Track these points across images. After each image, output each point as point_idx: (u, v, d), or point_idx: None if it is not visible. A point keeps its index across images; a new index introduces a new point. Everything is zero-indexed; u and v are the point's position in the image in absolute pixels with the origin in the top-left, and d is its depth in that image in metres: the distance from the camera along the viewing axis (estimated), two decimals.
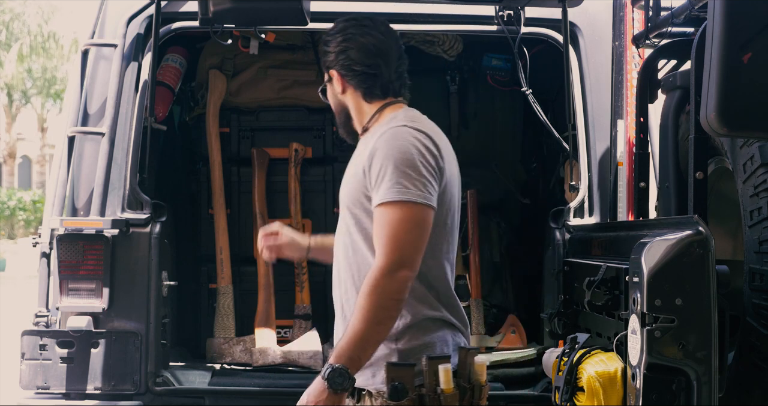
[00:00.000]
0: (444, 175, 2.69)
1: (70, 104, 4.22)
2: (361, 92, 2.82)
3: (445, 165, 2.69)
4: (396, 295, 2.56)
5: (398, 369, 2.58)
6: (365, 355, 2.58)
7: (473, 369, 2.65)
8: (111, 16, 4.23)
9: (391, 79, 2.82)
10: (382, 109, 2.82)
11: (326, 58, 2.86)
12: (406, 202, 2.58)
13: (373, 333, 2.57)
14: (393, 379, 2.56)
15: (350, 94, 2.85)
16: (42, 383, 3.85)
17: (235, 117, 5.10)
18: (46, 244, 3.92)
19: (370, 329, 2.55)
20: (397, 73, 2.84)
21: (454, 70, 5.30)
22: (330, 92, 2.91)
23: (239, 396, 4.07)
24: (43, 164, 31.30)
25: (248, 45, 4.75)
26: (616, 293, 2.96)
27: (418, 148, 2.63)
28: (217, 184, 4.92)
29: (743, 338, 3.15)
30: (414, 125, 2.69)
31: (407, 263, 2.57)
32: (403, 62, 2.87)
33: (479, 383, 2.64)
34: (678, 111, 3.59)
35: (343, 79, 2.83)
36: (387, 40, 2.82)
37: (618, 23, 4.19)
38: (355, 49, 2.79)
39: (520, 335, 4.67)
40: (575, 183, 4.16)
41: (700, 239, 2.55)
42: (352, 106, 2.86)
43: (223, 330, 4.72)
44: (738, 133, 2.84)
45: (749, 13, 2.61)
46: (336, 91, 2.87)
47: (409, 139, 2.64)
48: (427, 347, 2.66)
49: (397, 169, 2.60)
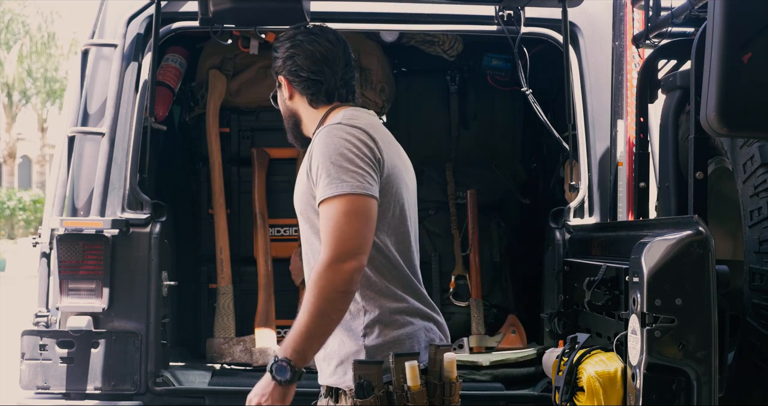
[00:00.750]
0: (384, 166, 2.70)
1: (70, 104, 4.22)
2: (307, 98, 2.89)
3: (384, 156, 2.70)
4: (341, 287, 2.53)
5: (364, 366, 2.58)
6: (311, 348, 2.58)
7: (443, 366, 2.63)
8: (111, 16, 4.23)
9: (337, 86, 2.87)
10: (327, 114, 2.87)
11: (275, 64, 2.93)
12: (345, 194, 2.58)
13: (318, 326, 2.55)
14: (359, 377, 2.56)
15: (297, 100, 2.91)
16: (42, 383, 3.85)
17: (235, 117, 5.10)
18: (46, 244, 3.92)
19: (314, 321, 2.54)
20: (344, 80, 2.89)
21: (454, 70, 5.30)
22: (279, 98, 2.98)
23: (239, 396, 4.02)
24: (43, 164, 31.30)
25: (248, 45, 4.76)
26: (616, 293, 2.96)
27: (350, 141, 2.65)
28: (217, 184, 4.91)
29: (743, 338, 3.15)
30: (348, 122, 2.72)
31: (353, 254, 2.54)
32: (351, 70, 2.91)
33: (450, 379, 2.63)
34: (678, 111, 3.59)
35: (290, 85, 2.90)
36: (334, 49, 2.87)
37: (618, 23, 4.19)
38: (302, 56, 2.86)
39: (520, 335, 4.67)
40: (575, 183, 4.17)
41: (700, 239, 2.55)
42: (301, 111, 2.92)
43: (223, 330, 4.72)
44: (738, 133, 2.84)
45: (749, 13, 2.61)
46: (284, 97, 2.94)
47: (341, 135, 2.67)
48: (395, 344, 2.66)
49: (332, 165, 2.61)
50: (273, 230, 4.89)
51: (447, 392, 2.62)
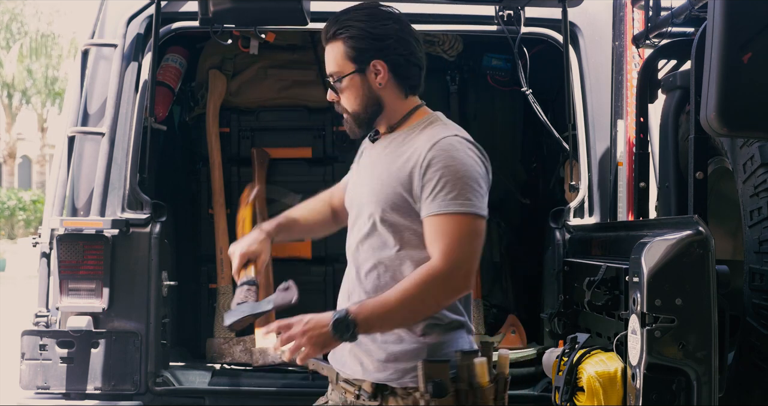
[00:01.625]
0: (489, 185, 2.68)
1: (70, 104, 4.22)
2: (403, 87, 2.69)
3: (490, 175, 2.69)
4: (442, 300, 2.52)
5: (435, 366, 2.53)
6: (378, 327, 2.51)
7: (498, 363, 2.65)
8: (111, 16, 4.24)
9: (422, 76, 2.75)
10: (415, 110, 2.73)
11: (370, 46, 2.63)
12: (470, 214, 2.55)
13: (400, 317, 2.51)
14: (431, 376, 2.51)
15: (389, 87, 2.67)
16: (42, 383, 3.85)
17: (235, 117, 5.10)
18: (46, 244, 3.92)
19: (400, 311, 2.49)
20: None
21: (454, 70, 5.30)
22: (359, 84, 2.67)
23: (239, 396, 4.07)
24: (43, 164, 31.29)
25: (248, 45, 4.75)
26: (616, 293, 2.96)
27: (476, 160, 2.61)
28: (217, 184, 4.92)
29: (743, 338, 3.15)
30: (466, 137, 2.66)
31: (468, 275, 2.52)
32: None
33: (504, 375, 2.64)
34: (678, 111, 3.59)
35: (389, 72, 2.65)
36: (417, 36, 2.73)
37: (618, 23, 4.20)
38: (411, 41, 2.66)
39: (520, 335, 4.67)
40: (575, 183, 4.16)
41: (700, 239, 2.55)
42: (388, 100, 2.69)
43: (223, 330, 4.71)
44: (738, 133, 2.84)
45: (749, 13, 2.61)
46: (374, 83, 2.65)
47: (467, 152, 2.60)
48: (451, 343, 2.62)
49: (460, 182, 2.55)
50: None
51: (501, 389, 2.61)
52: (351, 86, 2.67)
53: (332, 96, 2.73)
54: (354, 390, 2.66)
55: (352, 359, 2.66)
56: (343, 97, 2.70)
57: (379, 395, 2.60)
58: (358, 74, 2.65)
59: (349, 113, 2.71)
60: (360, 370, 2.64)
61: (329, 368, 2.77)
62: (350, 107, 2.70)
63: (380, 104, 2.68)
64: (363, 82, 2.66)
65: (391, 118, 2.71)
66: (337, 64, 2.67)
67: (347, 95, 2.68)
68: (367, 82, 2.66)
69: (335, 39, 2.66)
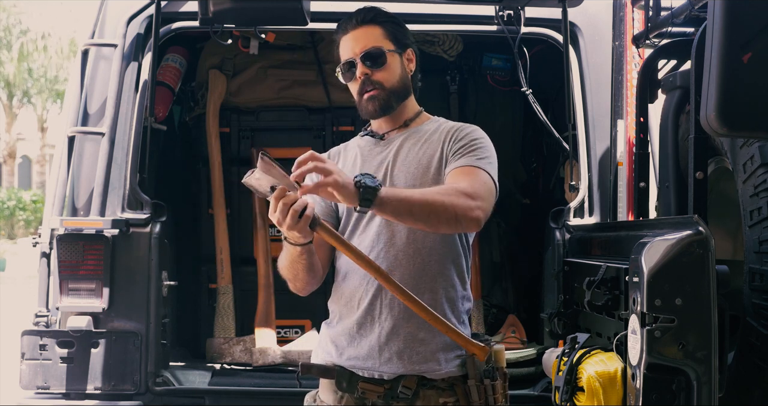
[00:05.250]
0: None
1: (70, 104, 4.22)
2: (415, 85, 2.87)
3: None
4: (457, 210, 2.50)
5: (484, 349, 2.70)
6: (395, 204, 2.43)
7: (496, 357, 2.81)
8: (111, 16, 4.24)
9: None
10: (421, 112, 2.88)
11: (404, 36, 2.82)
12: (493, 179, 2.68)
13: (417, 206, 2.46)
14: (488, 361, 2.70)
15: (413, 80, 2.85)
16: (42, 383, 3.85)
17: (235, 117, 5.10)
18: (46, 244, 3.92)
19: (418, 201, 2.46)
20: None
21: (454, 70, 5.30)
22: (399, 63, 2.78)
23: (239, 396, 4.07)
24: (43, 164, 31.30)
25: (248, 45, 4.75)
26: (616, 293, 2.96)
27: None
28: (217, 184, 4.92)
29: (743, 338, 3.15)
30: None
31: (486, 210, 2.58)
32: None
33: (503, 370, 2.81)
34: (678, 111, 3.59)
35: (417, 64, 2.85)
36: None
37: (618, 23, 4.20)
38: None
39: (520, 335, 4.67)
40: (575, 183, 4.16)
41: (700, 239, 2.55)
42: (412, 90, 2.85)
43: (223, 330, 4.72)
44: (738, 133, 2.84)
45: (749, 13, 2.61)
46: (407, 68, 2.81)
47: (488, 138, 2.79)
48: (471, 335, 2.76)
49: (488, 151, 2.72)
50: (273, 230, 4.89)
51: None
52: (392, 62, 2.77)
53: (364, 70, 2.74)
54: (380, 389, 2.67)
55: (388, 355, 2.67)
56: (382, 72, 2.75)
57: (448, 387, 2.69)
58: (397, 54, 2.77)
59: (385, 89, 2.75)
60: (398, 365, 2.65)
61: (340, 372, 2.73)
62: (389, 82, 2.76)
63: (408, 90, 2.81)
64: (400, 63, 2.79)
65: (409, 110, 2.83)
66: (377, 41, 2.76)
67: (388, 70, 2.76)
68: (402, 65, 2.79)
69: (372, 23, 2.77)
